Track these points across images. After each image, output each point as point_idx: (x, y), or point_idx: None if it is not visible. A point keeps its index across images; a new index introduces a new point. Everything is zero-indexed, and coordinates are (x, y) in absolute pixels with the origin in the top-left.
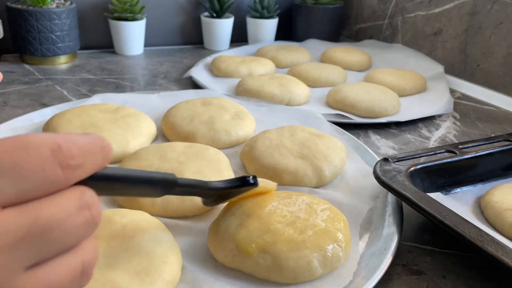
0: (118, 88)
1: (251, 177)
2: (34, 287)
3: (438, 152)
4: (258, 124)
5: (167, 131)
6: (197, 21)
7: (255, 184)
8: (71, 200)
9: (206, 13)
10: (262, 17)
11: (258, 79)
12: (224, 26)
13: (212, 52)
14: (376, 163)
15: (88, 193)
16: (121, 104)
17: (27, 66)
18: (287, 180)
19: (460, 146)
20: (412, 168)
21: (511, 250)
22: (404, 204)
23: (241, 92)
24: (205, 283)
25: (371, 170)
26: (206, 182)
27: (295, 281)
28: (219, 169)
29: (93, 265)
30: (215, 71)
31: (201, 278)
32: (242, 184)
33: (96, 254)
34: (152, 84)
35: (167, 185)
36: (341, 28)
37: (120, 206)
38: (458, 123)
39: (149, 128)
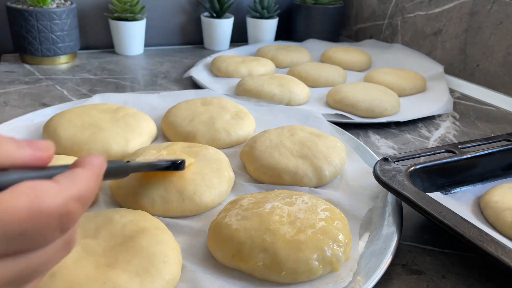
0: (118, 88)
1: (179, 161)
2: None
3: (437, 152)
4: (258, 124)
5: (167, 131)
6: (197, 21)
7: (182, 168)
8: (58, 243)
9: (206, 13)
10: (262, 17)
11: (258, 79)
12: (224, 26)
13: (212, 52)
14: (376, 163)
15: (71, 233)
16: (122, 104)
17: (27, 66)
18: (287, 180)
19: (459, 146)
20: (411, 168)
21: (511, 249)
22: (404, 204)
23: (241, 92)
24: (205, 282)
25: (371, 170)
26: (149, 164)
27: (295, 281)
28: (219, 168)
29: (53, 266)
30: (215, 71)
31: (201, 277)
32: (173, 167)
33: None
34: (152, 84)
35: (124, 168)
36: (341, 28)
37: (120, 206)
38: (457, 123)
39: (149, 128)
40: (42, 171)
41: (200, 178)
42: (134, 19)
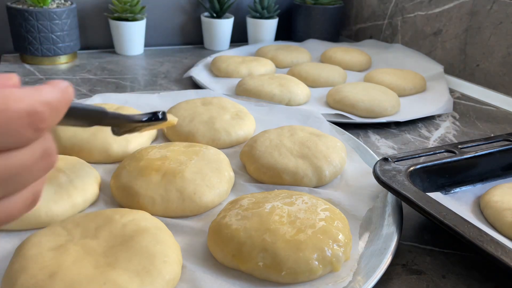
0: (118, 88)
1: (160, 112)
2: None
3: (437, 152)
4: (258, 124)
5: (167, 131)
6: (197, 21)
7: (164, 119)
8: (36, 150)
9: (206, 13)
10: (262, 17)
11: (258, 79)
12: (224, 26)
13: (212, 52)
14: (376, 163)
15: (49, 142)
16: (122, 104)
17: (27, 66)
18: (287, 180)
19: (459, 146)
20: (411, 168)
21: (511, 249)
22: (403, 203)
23: (241, 92)
24: (205, 282)
25: (371, 170)
26: (128, 115)
27: (295, 281)
28: (219, 168)
29: (40, 194)
30: (215, 71)
31: (201, 277)
32: (155, 118)
33: (43, 184)
34: (152, 84)
35: (100, 114)
36: (341, 28)
37: (120, 206)
38: (457, 123)
39: None
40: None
41: (200, 178)
42: (134, 19)
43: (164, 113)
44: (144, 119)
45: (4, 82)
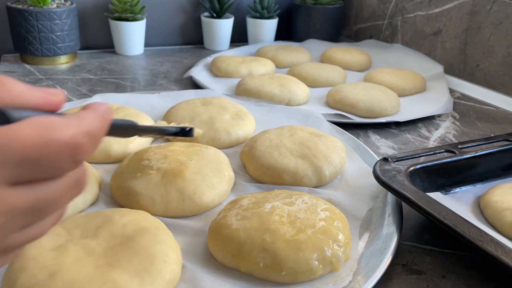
0: (119, 88)
1: (188, 128)
2: (24, 241)
3: (437, 152)
4: (258, 124)
5: None
6: (197, 21)
7: (192, 135)
8: (70, 180)
9: (206, 13)
10: (262, 17)
11: (258, 79)
12: (224, 26)
13: (212, 52)
14: (376, 163)
15: (82, 171)
16: (122, 104)
17: (27, 66)
18: (287, 180)
19: (459, 146)
20: (411, 168)
21: (511, 249)
22: (403, 203)
23: (241, 92)
24: (205, 282)
25: (371, 170)
26: (158, 128)
27: (295, 281)
28: (219, 168)
29: (65, 211)
30: (215, 71)
31: (201, 277)
32: (182, 133)
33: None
34: (152, 84)
35: (132, 128)
36: (341, 28)
37: (120, 206)
38: (457, 123)
39: None
40: (52, 114)
41: (200, 178)
42: (134, 19)
43: (192, 129)
44: (172, 132)
45: (50, 98)
